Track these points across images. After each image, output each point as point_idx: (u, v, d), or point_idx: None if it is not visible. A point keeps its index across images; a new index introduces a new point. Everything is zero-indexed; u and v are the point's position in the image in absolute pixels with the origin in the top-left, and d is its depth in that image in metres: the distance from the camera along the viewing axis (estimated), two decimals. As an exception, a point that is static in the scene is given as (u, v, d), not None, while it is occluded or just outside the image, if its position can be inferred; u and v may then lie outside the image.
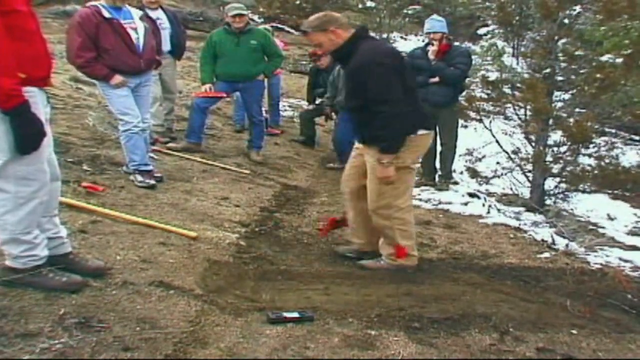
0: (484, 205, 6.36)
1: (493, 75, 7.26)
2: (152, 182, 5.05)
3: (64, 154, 5.09)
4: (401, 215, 3.87)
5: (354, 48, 3.66)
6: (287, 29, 18.97)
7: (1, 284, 2.81)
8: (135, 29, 4.95)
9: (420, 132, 3.79)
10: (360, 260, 4.15)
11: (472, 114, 7.19)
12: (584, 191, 6.66)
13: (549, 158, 6.55)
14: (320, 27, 3.68)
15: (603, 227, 6.60)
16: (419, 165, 4.03)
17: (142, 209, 4.46)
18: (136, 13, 5.10)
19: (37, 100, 2.70)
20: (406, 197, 3.92)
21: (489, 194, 7.07)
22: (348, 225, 4.41)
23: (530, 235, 5.53)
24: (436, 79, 6.47)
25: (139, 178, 5.02)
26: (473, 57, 7.81)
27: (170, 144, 6.69)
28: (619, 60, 6.02)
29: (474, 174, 7.48)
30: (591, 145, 6.51)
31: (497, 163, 7.50)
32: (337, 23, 3.71)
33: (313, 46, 3.95)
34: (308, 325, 2.96)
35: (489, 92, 6.93)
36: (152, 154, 5.60)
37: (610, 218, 7.03)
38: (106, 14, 4.79)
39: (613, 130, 8.73)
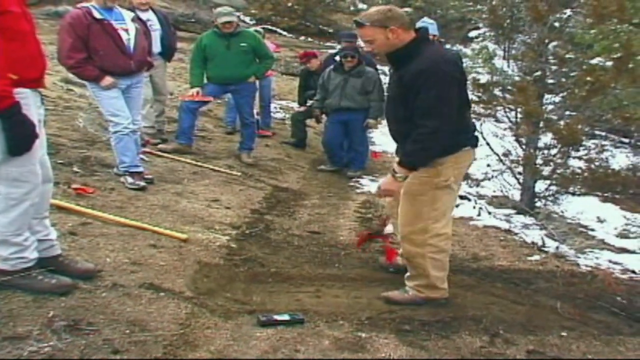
0: (474, 207, 6.38)
1: (484, 78, 7.28)
2: (143, 183, 5.04)
3: (54, 155, 5.06)
4: (437, 242, 3.39)
5: (414, 52, 3.22)
6: (279, 31, 18.98)
7: (-10, 287, 2.81)
8: (126, 31, 4.95)
9: (466, 148, 3.39)
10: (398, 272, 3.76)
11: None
12: (574, 194, 6.70)
13: (539, 160, 6.58)
14: (381, 23, 3.21)
15: (593, 230, 6.64)
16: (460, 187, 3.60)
17: (133, 210, 4.45)
18: (128, 15, 5.10)
19: (30, 102, 2.70)
20: (445, 222, 3.41)
21: (480, 196, 7.09)
22: (383, 238, 4.27)
23: (520, 237, 5.56)
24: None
25: (130, 180, 5.01)
26: (464, 59, 7.84)
27: (160, 146, 6.67)
28: (609, 63, 6.06)
29: (464, 176, 7.50)
30: (581, 148, 6.56)
31: (488, 165, 7.52)
32: (400, 22, 3.23)
33: (364, 41, 3.40)
34: (298, 328, 2.97)
35: (479, 94, 6.94)
36: (142, 156, 5.59)
37: (600, 220, 7.07)
38: (97, 15, 4.78)
39: (603, 133, 8.78)
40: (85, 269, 3.14)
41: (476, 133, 3.55)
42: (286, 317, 3.03)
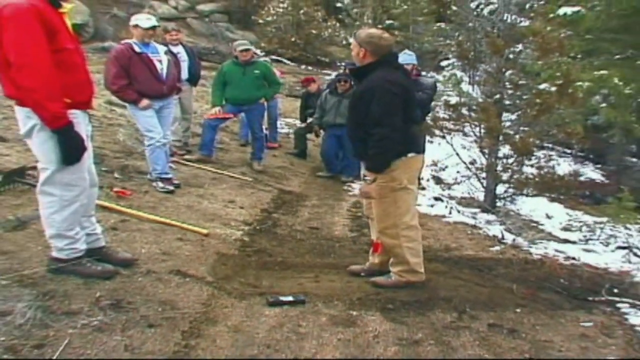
0: (446, 206, 6.39)
1: (453, 100, 7.28)
2: (171, 187, 5.06)
3: (99, 164, 5.05)
4: (407, 233, 3.40)
5: (369, 72, 3.34)
6: (284, 60, 19.01)
7: (49, 272, 2.84)
8: (160, 61, 5.02)
9: (411, 154, 3.37)
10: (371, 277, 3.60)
11: (437, 132, 7.23)
12: (527, 195, 6.70)
13: (499, 168, 6.59)
14: (359, 41, 3.35)
15: (542, 224, 6.65)
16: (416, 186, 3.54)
17: (163, 210, 4.46)
18: (162, 48, 5.19)
19: (80, 121, 2.75)
20: (410, 216, 3.43)
21: (451, 198, 7.10)
22: None
23: (484, 231, 5.56)
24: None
25: (160, 184, 5.02)
26: (437, 84, 7.86)
27: (186, 156, 6.68)
28: (553, 88, 6.12)
29: (438, 181, 7.54)
30: (533, 158, 6.57)
31: (457, 172, 7.54)
32: (372, 48, 3.32)
33: (352, 48, 3.49)
34: (300, 307, 2.99)
35: (450, 113, 6.95)
36: (171, 164, 5.60)
37: (548, 217, 7.08)
38: (137, 49, 4.87)
39: (550, 145, 8.81)
40: (124, 258, 3.16)
41: (421, 142, 3.59)
42: (290, 298, 3.04)
